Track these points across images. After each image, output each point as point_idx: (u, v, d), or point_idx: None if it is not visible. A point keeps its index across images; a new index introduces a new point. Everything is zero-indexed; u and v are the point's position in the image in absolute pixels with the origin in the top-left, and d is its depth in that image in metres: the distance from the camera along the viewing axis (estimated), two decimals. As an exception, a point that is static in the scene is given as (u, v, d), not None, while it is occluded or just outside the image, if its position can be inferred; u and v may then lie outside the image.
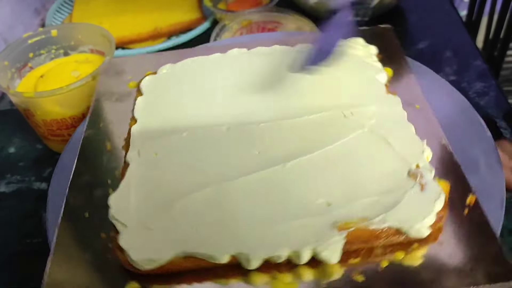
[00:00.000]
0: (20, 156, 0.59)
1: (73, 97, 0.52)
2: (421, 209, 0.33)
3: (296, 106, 0.43)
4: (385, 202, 0.34)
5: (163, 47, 0.71)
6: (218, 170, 0.38)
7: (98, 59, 0.58)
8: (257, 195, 0.36)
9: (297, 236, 0.33)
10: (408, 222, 0.32)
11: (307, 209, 0.34)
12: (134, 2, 0.80)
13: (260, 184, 0.37)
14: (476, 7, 1.04)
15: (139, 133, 0.42)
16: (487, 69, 0.62)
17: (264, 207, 0.35)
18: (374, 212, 0.33)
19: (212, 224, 0.34)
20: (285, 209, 0.35)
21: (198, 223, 0.35)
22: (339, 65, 0.44)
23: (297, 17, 0.69)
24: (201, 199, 0.36)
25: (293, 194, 0.36)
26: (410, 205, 0.34)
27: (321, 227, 0.33)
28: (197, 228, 0.34)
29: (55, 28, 0.59)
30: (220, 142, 0.41)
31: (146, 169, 0.39)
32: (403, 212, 0.33)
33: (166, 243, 0.33)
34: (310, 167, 0.37)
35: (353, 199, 0.34)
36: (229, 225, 0.34)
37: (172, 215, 0.35)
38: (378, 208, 0.33)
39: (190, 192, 0.37)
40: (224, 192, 0.36)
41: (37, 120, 0.53)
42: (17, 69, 0.57)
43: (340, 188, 0.35)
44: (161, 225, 0.35)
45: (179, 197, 0.36)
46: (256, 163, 0.38)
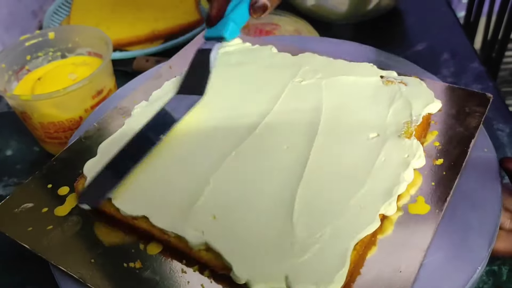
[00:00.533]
0: (17, 159, 0.59)
1: (70, 100, 0.52)
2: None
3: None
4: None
5: (161, 49, 0.71)
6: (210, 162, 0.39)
7: (96, 62, 0.58)
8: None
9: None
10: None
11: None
12: (132, 5, 0.80)
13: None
14: (474, 8, 1.04)
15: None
16: (484, 71, 0.62)
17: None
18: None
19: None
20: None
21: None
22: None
23: (295, 19, 0.69)
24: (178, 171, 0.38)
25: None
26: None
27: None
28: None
29: (53, 30, 0.59)
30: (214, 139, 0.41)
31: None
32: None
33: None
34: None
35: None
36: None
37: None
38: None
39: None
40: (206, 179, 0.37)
41: (34, 123, 0.53)
42: (14, 72, 0.57)
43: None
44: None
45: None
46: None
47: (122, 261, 0.34)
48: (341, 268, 0.30)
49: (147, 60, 0.68)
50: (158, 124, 0.40)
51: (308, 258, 0.31)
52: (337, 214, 0.34)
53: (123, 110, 0.46)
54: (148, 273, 0.33)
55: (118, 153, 0.38)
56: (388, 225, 0.34)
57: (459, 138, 0.40)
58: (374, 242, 0.34)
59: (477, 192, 0.37)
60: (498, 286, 0.41)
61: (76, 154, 0.42)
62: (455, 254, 0.33)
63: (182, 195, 0.36)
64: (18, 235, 0.36)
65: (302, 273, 0.30)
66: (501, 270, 0.42)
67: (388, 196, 0.34)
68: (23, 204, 0.38)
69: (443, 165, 0.38)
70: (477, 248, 0.34)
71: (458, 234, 0.34)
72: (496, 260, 0.42)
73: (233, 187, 0.36)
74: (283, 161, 0.38)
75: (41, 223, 0.37)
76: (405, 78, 0.44)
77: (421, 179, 0.37)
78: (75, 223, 0.37)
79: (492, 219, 0.35)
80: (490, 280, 0.42)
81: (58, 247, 0.36)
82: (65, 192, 0.39)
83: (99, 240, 0.36)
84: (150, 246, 0.35)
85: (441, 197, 0.36)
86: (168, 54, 0.70)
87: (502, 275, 0.42)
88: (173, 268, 0.34)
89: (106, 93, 0.55)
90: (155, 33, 0.74)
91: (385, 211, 0.34)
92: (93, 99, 0.54)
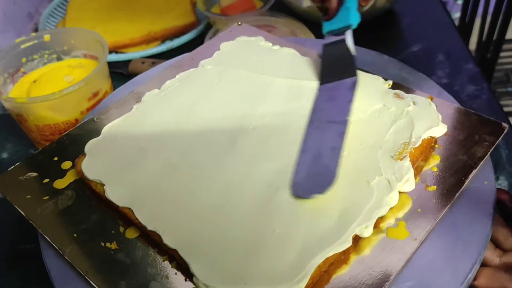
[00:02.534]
0: (13, 161, 0.58)
1: (66, 102, 0.52)
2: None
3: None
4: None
5: (157, 51, 0.71)
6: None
7: (91, 64, 0.58)
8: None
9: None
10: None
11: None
12: (128, 7, 0.80)
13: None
14: (469, 10, 1.04)
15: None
16: (479, 72, 0.62)
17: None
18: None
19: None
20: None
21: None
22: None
23: (290, 21, 0.69)
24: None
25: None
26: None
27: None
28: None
29: (48, 32, 0.59)
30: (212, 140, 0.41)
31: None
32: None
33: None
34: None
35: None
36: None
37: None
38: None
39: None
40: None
41: (30, 125, 0.53)
42: (9, 74, 0.57)
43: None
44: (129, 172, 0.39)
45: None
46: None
47: (100, 240, 0.36)
48: (299, 282, 0.30)
49: (143, 62, 0.68)
50: (335, 110, 0.41)
51: (271, 266, 0.31)
52: (311, 227, 0.33)
53: (138, 95, 0.48)
54: (121, 255, 0.35)
55: (321, 148, 0.38)
56: (365, 245, 0.34)
57: (460, 167, 0.38)
58: (346, 260, 0.33)
59: (464, 226, 0.35)
60: None
61: (86, 132, 0.45)
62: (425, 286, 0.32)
63: (167, 195, 0.37)
64: (17, 201, 0.39)
65: (261, 280, 0.31)
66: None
67: (367, 218, 0.33)
68: (28, 172, 0.41)
69: (436, 192, 0.37)
70: (449, 287, 0.32)
71: (433, 266, 0.33)
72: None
73: (212, 191, 0.36)
74: (270, 165, 0.38)
75: (39, 192, 0.40)
76: (416, 97, 0.42)
77: (410, 203, 0.36)
78: (69, 197, 0.39)
79: (473, 257, 0.34)
80: None
81: (49, 217, 0.38)
82: (68, 166, 0.42)
83: (86, 217, 0.38)
84: (129, 230, 0.36)
85: (423, 225, 0.34)
86: (164, 56, 0.70)
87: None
88: (144, 254, 0.35)
89: (102, 95, 0.55)
90: (151, 35, 0.74)
91: (360, 233, 0.33)
92: (89, 102, 0.54)
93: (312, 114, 0.42)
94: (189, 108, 0.44)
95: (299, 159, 0.38)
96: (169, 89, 0.47)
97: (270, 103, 0.44)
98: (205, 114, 0.44)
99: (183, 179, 0.38)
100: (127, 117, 0.44)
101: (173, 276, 0.33)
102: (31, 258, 0.46)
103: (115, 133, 0.42)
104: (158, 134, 0.42)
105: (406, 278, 0.33)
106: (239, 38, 0.53)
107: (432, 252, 0.34)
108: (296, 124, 0.41)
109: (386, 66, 0.51)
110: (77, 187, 0.40)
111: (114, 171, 0.39)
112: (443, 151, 0.40)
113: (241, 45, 0.52)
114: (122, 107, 0.47)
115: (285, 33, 0.69)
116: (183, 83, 0.47)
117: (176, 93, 0.46)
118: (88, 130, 0.45)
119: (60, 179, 0.40)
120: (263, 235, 0.33)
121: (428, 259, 0.34)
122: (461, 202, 0.37)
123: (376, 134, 0.39)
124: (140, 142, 0.41)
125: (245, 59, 0.50)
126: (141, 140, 0.41)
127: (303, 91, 0.45)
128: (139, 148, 0.41)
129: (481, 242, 0.35)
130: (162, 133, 0.42)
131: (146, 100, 0.46)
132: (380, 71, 0.47)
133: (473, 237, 0.35)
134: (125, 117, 0.44)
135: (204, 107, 0.45)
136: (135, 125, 0.43)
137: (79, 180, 0.40)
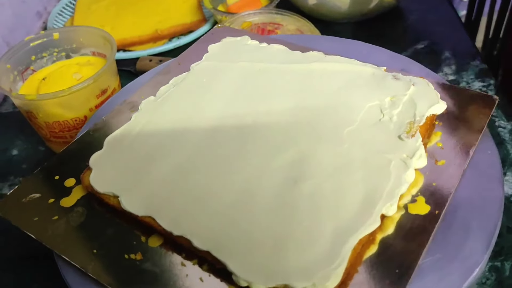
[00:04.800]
0: (23, 158, 0.59)
1: (75, 99, 0.52)
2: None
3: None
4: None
5: (164, 49, 0.72)
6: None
7: (100, 62, 0.59)
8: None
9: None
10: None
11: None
12: (135, 5, 0.80)
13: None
14: (476, 7, 1.04)
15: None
16: (486, 68, 0.62)
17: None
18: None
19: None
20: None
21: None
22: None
23: (297, 18, 0.70)
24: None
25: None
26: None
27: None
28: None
29: (57, 31, 0.60)
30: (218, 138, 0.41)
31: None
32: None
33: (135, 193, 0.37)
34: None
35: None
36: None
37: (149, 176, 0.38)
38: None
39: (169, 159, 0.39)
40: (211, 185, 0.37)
41: (40, 122, 0.54)
42: (19, 72, 0.57)
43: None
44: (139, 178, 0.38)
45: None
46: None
47: (123, 252, 0.35)
48: (338, 266, 0.31)
49: (151, 60, 0.68)
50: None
51: (306, 256, 0.31)
52: (337, 214, 0.34)
53: (131, 105, 0.47)
54: (148, 265, 0.34)
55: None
56: (389, 224, 0.35)
57: (463, 140, 0.40)
58: (374, 241, 0.34)
59: (478, 194, 0.37)
60: (500, 282, 0.42)
61: (84, 147, 0.43)
62: (453, 257, 0.33)
63: (186, 198, 0.36)
64: (24, 225, 0.37)
65: (299, 271, 0.31)
66: (503, 265, 0.42)
67: (390, 197, 0.34)
68: (30, 194, 0.39)
69: (445, 166, 0.38)
70: (475, 252, 0.33)
71: (456, 236, 0.34)
72: (498, 255, 0.43)
73: (231, 189, 0.36)
74: (283, 158, 0.38)
75: (47, 213, 0.38)
76: (413, 78, 0.44)
77: (423, 179, 0.37)
78: (80, 214, 0.38)
79: (492, 223, 0.35)
80: (492, 276, 0.42)
81: (63, 237, 0.36)
82: (72, 183, 0.40)
83: (103, 231, 0.36)
84: (152, 239, 0.36)
85: (442, 198, 0.36)
86: (171, 54, 0.71)
87: (505, 270, 0.42)
88: (173, 261, 0.34)
89: (110, 93, 0.55)
90: (158, 33, 0.74)
91: (386, 211, 0.34)
92: (98, 99, 0.54)
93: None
94: (191, 110, 0.44)
95: None
96: (165, 95, 0.46)
97: (274, 94, 0.44)
98: (209, 113, 0.43)
99: (199, 180, 0.37)
100: (128, 127, 0.43)
101: (207, 278, 0.33)
102: (41, 255, 0.47)
103: (119, 143, 0.41)
104: (164, 139, 0.41)
105: (434, 251, 0.33)
106: (224, 39, 0.53)
107: (455, 222, 0.35)
108: (304, 112, 0.42)
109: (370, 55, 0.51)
110: (86, 203, 0.39)
111: (126, 182, 0.38)
112: (444, 127, 0.41)
113: (228, 46, 0.52)
114: (117, 117, 0.46)
115: (291, 31, 0.69)
116: (179, 87, 0.47)
117: (174, 98, 0.45)
118: (85, 144, 0.44)
119: (66, 197, 0.39)
120: (290, 228, 0.33)
121: (450, 230, 0.35)
122: (470, 173, 0.38)
123: (384, 117, 0.41)
124: (147, 149, 0.41)
125: (237, 56, 0.49)
126: (148, 147, 0.41)
127: (304, 75, 0.45)
128: (147, 155, 0.40)
129: (497, 206, 0.36)
130: (168, 137, 0.41)
131: (144, 108, 0.45)
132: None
133: (489, 203, 0.36)
134: (126, 127, 0.43)
135: (207, 106, 0.44)
136: (138, 133, 0.42)
137: (86, 195, 0.39)
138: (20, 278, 0.46)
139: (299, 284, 0.30)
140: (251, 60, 0.48)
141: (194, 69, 0.49)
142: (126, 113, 0.46)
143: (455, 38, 0.68)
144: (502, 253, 0.43)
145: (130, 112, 0.46)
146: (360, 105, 0.42)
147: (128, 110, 0.47)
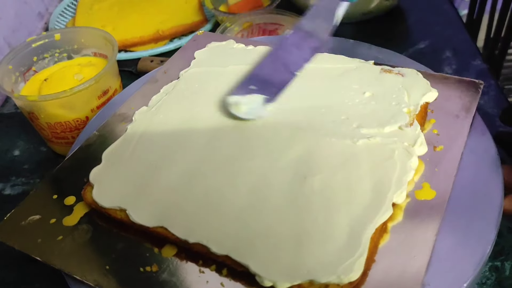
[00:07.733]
0: (25, 159, 0.59)
1: (76, 100, 0.52)
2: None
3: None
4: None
5: (166, 50, 0.72)
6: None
7: (101, 62, 0.59)
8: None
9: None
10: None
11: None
12: (136, 6, 0.80)
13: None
14: (477, 6, 1.04)
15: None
16: (487, 68, 0.62)
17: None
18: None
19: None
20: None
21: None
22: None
23: (298, 19, 0.70)
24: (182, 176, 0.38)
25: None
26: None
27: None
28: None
29: (59, 32, 0.60)
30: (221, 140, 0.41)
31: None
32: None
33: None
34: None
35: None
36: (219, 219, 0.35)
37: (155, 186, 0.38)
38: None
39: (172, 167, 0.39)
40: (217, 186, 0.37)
41: (41, 123, 0.54)
42: (21, 73, 0.58)
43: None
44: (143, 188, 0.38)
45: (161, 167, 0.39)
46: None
47: (138, 266, 0.34)
48: (360, 256, 0.31)
49: (152, 61, 0.68)
50: (291, 59, 0.45)
51: (326, 250, 0.32)
52: (350, 205, 0.34)
53: (122, 117, 0.46)
54: (165, 276, 0.33)
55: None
56: (398, 212, 0.35)
57: (456, 124, 0.41)
58: (386, 229, 0.34)
59: (478, 176, 0.38)
60: (500, 282, 0.42)
61: (79, 163, 0.42)
62: (464, 238, 0.34)
63: (197, 204, 0.36)
64: (28, 248, 0.36)
65: (322, 265, 0.31)
66: (504, 265, 0.42)
67: (399, 185, 0.35)
68: (29, 216, 0.38)
69: (444, 151, 0.39)
70: (484, 231, 0.34)
71: (464, 218, 0.35)
72: (499, 255, 0.43)
73: (241, 190, 0.36)
74: (289, 155, 0.38)
75: (50, 234, 0.37)
76: (402, 69, 0.45)
77: (424, 166, 0.38)
78: (85, 232, 0.37)
79: (495, 202, 0.36)
80: (492, 275, 0.42)
81: (71, 256, 0.35)
82: (72, 201, 0.39)
83: (112, 247, 0.36)
84: (165, 249, 0.35)
85: (445, 182, 0.37)
86: (172, 54, 0.70)
87: (505, 270, 0.42)
88: (190, 269, 0.34)
89: (111, 93, 0.56)
90: (159, 34, 0.74)
91: (396, 199, 0.35)
92: (99, 99, 0.54)
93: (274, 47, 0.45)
94: (188, 116, 0.44)
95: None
96: (159, 104, 0.45)
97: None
98: (207, 118, 0.43)
99: (208, 185, 0.37)
100: (125, 138, 0.42)
101: (228, 282, 0.33)
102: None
103: (118, 156, 0.41)
104: (166, 147, 0.41)
105: (445, 236, 0.34)
106: (209, 44, 0.53)
107: (457, 207, 0.36)
108: (303, 109, 0.42)
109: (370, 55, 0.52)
110: (90, 219, 0.38)
111: (132, 194, 0.37)
112: (436, 114, 0.43)
113: (215, 51, 0.52)
114: (109, 130, 0.45)
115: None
116: (172, 95, 0.46)
117: (168, 106, 0.45)
118: (80, 160, 0.43)
119: (68, 216, 0.38)
120: (306, 224, 0.33)
121: (457, 214, 0.35)
122: (467, 156, 0.39)
123: (381, 109, 0.42)
124: (149, 158, 0.40)
125: (226, 60, 0.49)
126: (150, 156, 0.40)
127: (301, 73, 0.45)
128: (150, 165, 0.39)
129: (499, 183, 0.37)
130: (169, 145, 0.41)
131: (138, 119, 0.44)
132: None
133: (491, 182, 0.37)
134: (122, 139, 0.42)
135: (204, 111, 0.44)
136: (137, 144, 0.42)
137: (89, 212, 0.38)
138: (23, 277, 0.46)
139: (324, 278, 0.30)
140: (241, 63, 0.48)
141: (184, 76, 0.49)
142: (118, 126, 0.45)
143: (456, 38, 0.68)
144: (502, 253, 0.43)
145: (122, 125, 0.45)
146: (354, 98, 0.43)
147: (119, 123, 0.46)
